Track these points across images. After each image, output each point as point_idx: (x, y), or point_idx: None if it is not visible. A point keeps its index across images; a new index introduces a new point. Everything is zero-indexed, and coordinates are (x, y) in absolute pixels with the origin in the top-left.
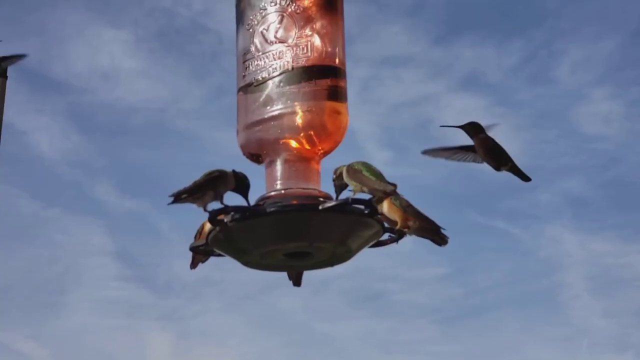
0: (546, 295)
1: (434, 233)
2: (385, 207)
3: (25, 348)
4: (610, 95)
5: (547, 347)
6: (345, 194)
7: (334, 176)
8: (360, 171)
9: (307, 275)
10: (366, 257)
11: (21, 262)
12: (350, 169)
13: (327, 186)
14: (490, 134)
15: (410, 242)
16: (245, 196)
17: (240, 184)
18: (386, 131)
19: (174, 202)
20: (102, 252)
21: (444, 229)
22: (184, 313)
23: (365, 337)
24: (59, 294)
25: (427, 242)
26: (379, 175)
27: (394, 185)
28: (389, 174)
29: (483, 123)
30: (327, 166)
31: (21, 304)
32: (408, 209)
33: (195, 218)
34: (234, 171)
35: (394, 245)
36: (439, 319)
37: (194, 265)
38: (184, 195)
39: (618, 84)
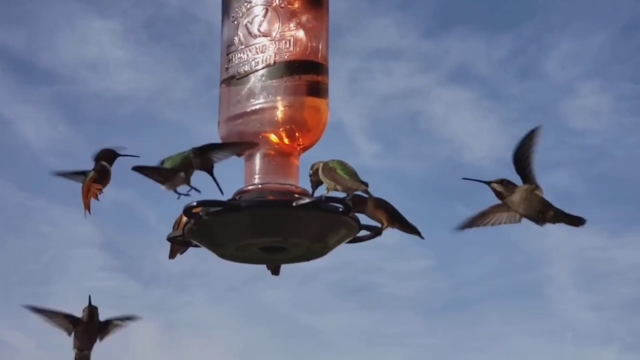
0: (532, 288)
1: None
2: (370, 207)
3: (11, 338)
4: (599, 90)
5: (532, 339)
6: (321, 190)
7: (311, 172)
8: (335, 169)
9: (293, 268)
10: (351, 250)
11: (7, 253)
12: (326, 166)
13: (306, 181)
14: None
15: (397, 234)
16: (211, 173)
17: (206, 163)
18: (375, 124)
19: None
20: (88, 242)
21: (419, 231)
22: (170, 304)
23: (351, 330)
24: (45, 285)
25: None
26: (352, 174)
27: (366, 185)
28: (377, 166)
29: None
30: (308, 161)
31: (7, 294)
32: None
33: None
34: (199, 149)
35: (379, 238)
36: (425, 311)
37: (172, 255)
38: (156, 176)
39: (607, 79)
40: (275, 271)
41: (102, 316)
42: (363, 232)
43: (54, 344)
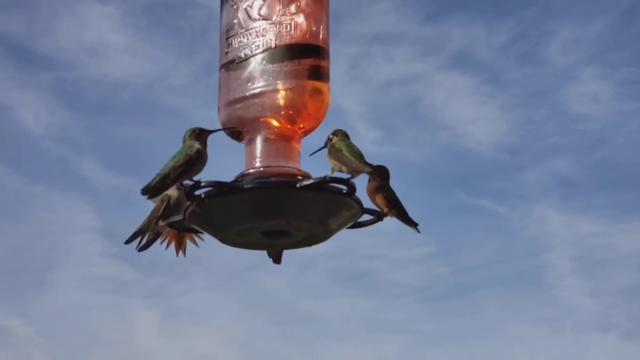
0: (532, 275)
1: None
2: (372, 190)
3: (11, 325)
4: (600, 76)
5: (532, 326)
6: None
7: (330, 136)
8: (341, 150)
9: (293, 254)
10: (352, 236)
11: (6, 239)
12: (332, 147)
13: (307, 165)
14: None
15: (397, 221)
16: None
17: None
18: (375, 110)
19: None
20: (87, 229)
21: (416, 223)
22: (170, 291)
23: (351, 316)
24: (45, 271)
25: None
26: (359, 156)
27: (372, 167)
28: (377, 152)
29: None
30: (308, 144)
31: (6, 281)
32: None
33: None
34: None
35: (379, 224)
36: (424, 298)
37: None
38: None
39: (607, 64)
40: (277, 259)
41: None
42: (365, 218)
43: (54, 331)
